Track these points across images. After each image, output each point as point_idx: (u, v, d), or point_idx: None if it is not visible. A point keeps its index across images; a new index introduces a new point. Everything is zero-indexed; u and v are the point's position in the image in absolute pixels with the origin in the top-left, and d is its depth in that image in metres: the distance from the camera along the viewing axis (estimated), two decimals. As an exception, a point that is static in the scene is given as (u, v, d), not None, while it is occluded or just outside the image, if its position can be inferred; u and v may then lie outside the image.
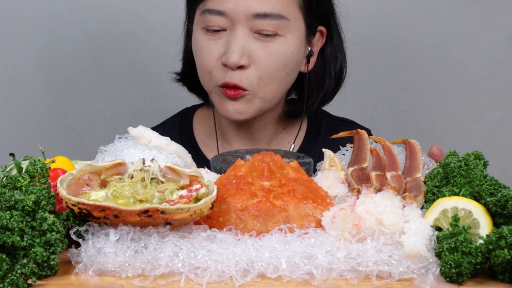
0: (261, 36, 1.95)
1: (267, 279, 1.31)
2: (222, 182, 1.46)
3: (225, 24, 1.95)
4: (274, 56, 1.96)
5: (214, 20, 1.95)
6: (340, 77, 2.13)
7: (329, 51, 2.11)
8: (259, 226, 1.40)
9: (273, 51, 1.95)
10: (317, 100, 2.10)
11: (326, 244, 1.34)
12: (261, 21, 1.93)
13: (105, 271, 1.32)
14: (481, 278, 1.34)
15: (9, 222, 1.30)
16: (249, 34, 1.95)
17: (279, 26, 1.95)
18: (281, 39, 1.96)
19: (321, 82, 2.11)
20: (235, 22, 1.94)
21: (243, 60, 1.94)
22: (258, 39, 1.95)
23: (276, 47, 1.96)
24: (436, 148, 1.73)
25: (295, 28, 1.98)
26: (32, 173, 1.44)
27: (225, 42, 1.95)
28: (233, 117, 1.99)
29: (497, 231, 1.31)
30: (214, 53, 1.96)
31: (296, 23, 1.98)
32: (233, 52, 1.92)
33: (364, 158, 1.61)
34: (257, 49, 1.95)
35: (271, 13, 1.94)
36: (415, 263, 1.33)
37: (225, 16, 1.94)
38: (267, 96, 1.99)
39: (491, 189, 1.42)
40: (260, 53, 1.95)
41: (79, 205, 1.35)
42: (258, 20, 1.93)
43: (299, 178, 1.46)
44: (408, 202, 1.44)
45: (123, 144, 1.70)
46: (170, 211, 1.33)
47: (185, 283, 1.29)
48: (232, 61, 1.92)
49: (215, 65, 1.97)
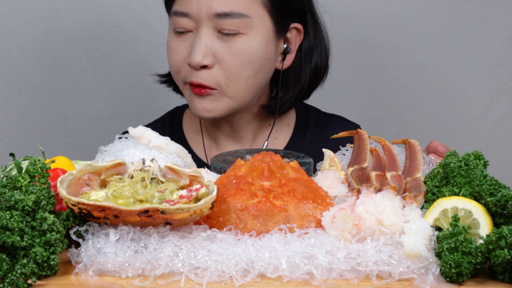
0: (223, 35, 1.98)
1: (267, 279, 1.31)
2: (222, 182, 1.46)
3: (190, 26, 2.00)
4: (237, 55, 1.99)
5: (181, 22, 2.00)
6: (316, 73, 2.14)
7: (305, 46, 2.12)
8: (259, 226, 1.40)
9: (236, 50, 1.98)
10: (292, 96, 2.11)
11: (326, 244, 1.34)
12: (223, 21, 1.97)
13: (105, 271, 1.32)
14: (481, 278, 1.34)
15: (9, 222, 1.30)
16: (212, 34, 1.98)
17: (240, 25, 1.98)
18: (244, 37, 1.99)
19: (297, 78, 2.12)
20: (199, 23, 1.98)
21: (206, 60, 1.97)
22: (221, 38, 1.98)
23: (239, 45, 1.99)
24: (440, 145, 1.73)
25: (259, 25, 2.00)
26: (32, 173, 1.44)
27: (191, 43, 2.00)
28: (201, 114, 2.03)
29: (497, 231, 1.31)
30: (181, 53, 2.02)
31: (260, 21, 2.01)
32: (196, 53, 1.97)
33: (364, 158, 1.61)
34: (220, 49, 1.98)
35: (231, 12, 1.97)
36: (415, 263, 1.33)
37: (189, 17, 1.99)
38: (236, 94, 2.01)
39: (491, 189, 1.42)
40: (224, 52, 1.98)
41: (79, 205, 1.35)
42: (220, 19, 1.97)
43: (299, 178, 1.46)
44: (408, 202, 1.44)
45: (123, 144, 1.70)
46: (170, 211, 1.33)
47: (185, 283, 1.29)
48: (195, 61, 1.96)
49: (182, 65, 2.02)
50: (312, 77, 2.13)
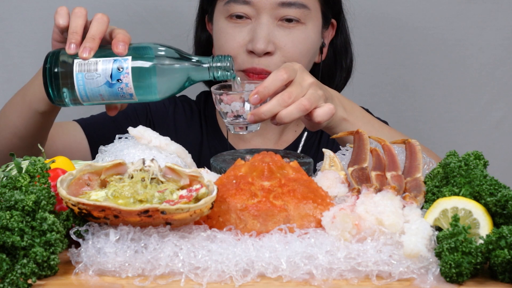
0: (285, 23, 2.05)
1: (267, 279, 1.31)
2: (222, 182, 1.46)
3: (250, 13, 2.05)
4: (298, 42, 2.05)
5: (240, 9, 2.04)
6: (350, 69, 2.24)
7: (339, 43, 2.22)
8: (259, 226, 1.40)
9: (297, 38, 2.05)
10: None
11: (326, 244, 1.34)
12: (286, 10, 2.04)
13: (105, 271, 1.32)
14: (481, 278, 1.34)
15: (9, 222, 1.30)
16: (273, 22, 2.04)
17: (301, 15, 2.05)
18: (303, 26, 2.06)
19: (332, 74, 2.21)
20: (260, 11, 2.03)
21: (270, 47, 2.03)
22: (282, 26, 2.05)
23: (299, 33, 2.06)
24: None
25: (314, 17, 2.09)
26: (32, 173, 1.44)
27: (250, 30, 2.04)
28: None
29: (497, 231, 1.31)
30: (238, 40, 2.05)
31: (315, 13, 2.09)
32: (260, 39, 2.01)
33: (364, 158, 1.61)
34: (282, 36, 2.04)
35: (295, 2, 2.04)
36: (415, 263, 1.33)
37: (251, 5, 2.04)
38: None
39: (491, 189, 1.42)
40: (285, 40, 2.04)
41: (79, 205, 1.35)
42: (283, 8, 2.03)
43: (299, 178, 1.46)
44: (408, 202, 1.44)
45: (123, 144, 1.70)
46: (170, 211, 1.33)
47: (185, 283, 1.29)
48: (259, 48, 2.01)
49: (239, 51, 2.05)
50: (347, 72, 2.24)
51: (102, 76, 1.63)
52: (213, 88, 1.72)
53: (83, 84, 1.64)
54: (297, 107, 1.66)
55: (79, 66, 1.64)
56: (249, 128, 1.71)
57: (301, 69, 1.71)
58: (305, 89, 1.68)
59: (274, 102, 1.65)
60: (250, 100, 1.65)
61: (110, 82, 1.63)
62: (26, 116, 1.86)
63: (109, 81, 1.63)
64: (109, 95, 1.66)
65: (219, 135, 2.21)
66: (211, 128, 2.23)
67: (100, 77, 1.63)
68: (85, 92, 1.65)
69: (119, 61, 1.63)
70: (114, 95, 1.66)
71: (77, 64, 1.64)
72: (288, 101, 1.65)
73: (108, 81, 1.63)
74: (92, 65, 1.64)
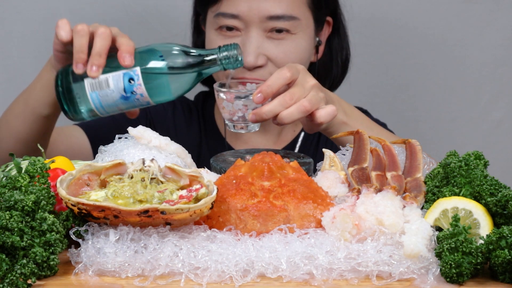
0: (274, 34, 2.03)
1: (267, 279, 1.31)
2: (222, 182, 1.46)
3: (239, 26, 2.03)
4: (289, 52, 2.04)
5: (228, 22, 2.03)
6: (346, 65, 2.23)
7: (336, 40, 2.20)
8: (259, 226, 1.40)
9: (288, 48, 2.04)
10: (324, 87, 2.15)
11: (326, 244, 1.34)
12: (275, 22, 2.01)
13: (105, 271, 1.32)
14: (481, 278, 1.33)
15: (9, 222, 1.30)
16: (262, 34, 2.03)
17: (291, 26, 2.03)
18: (294, 36, 2.04)
19: (328, 70, 2.20)
20: (249, 24, 2.02)
21: (260, 60, 2.02)
22: (271, 37, 2.03)
23: (290, 43, 2.04)
24: None
25: (305, 26, 2.06)
26: (32, 173, 1.44)
27: (240, 43, 2.02)
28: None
29: (498, 231, 1.31)
30: None
31: (306, 21, 2.07)
32: (249, 54, 2.00)
33: (364, 158, 1.61)
34: (272, 48, 2.03)
35: (284, 14, 2.02)
36: (415, 263, 1.33)
37: (239, 19, 2.01)
38: None
39: (491, 189, 1.42)
40: (276, 51, 2.03)
41: (78, 205, 1.35)
42: (271, 21, 2.01)
43: (299, 178, 1.46)
44: (408, 202, 1.44)
45: (123, 144, 1.70)
46: (170, 211, 1.33)
47: (185, 283, 1.29)
48: (249, 63, 2.00)
49: None
50: (343, 69, 2.22)
51: (116, 92, 1.64)
52: (215, 85, 1.72)
53: (99, 102, 1.65)
54: (297, 108, 1.66)
55: (91, 86, 1.64)
56: (250, 127, 1.71)
57: (304, 71, 1.72)
58: (307, 91, 1.68)
59: (275, 102, 1.65)
60: (253, 98, 1.65)
61: (125, 95, 1.64)
62: (30, 121, 1.86)
63: (123, 95, 1.64)
64: (127, 106, 1.68)
65: (217, 135, 2.21)
66: (210, 128, 2.23)
67: (114, 93, 1.64)
68: (103, 108, 1.66)
69: (128, 74, 1.64)
70: (131, 105, 1.68)
71: (89, 84, 1.65)
72: (290, 102, 1.66)
73: (123, 95, 1.64)
74: (104, 83, 1.64)
